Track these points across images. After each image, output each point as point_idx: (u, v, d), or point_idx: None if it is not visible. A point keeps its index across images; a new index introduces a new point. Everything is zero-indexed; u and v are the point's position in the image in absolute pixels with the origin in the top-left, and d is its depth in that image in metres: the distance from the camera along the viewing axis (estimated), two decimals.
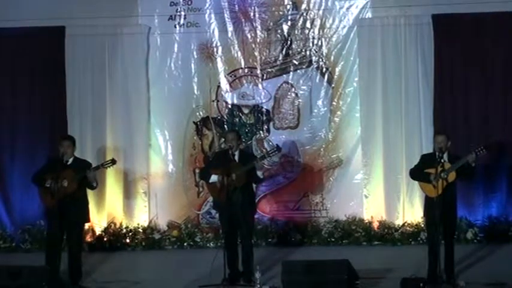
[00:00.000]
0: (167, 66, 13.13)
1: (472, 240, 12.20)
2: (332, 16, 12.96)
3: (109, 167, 10.45)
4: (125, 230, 12.82)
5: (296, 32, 13.04)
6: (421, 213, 11.01)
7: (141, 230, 12.84)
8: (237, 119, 13.12)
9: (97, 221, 12.74)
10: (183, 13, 13.11)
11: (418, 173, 9.95)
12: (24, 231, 12.73)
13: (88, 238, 12.53)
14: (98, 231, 12.77)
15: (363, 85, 12.81)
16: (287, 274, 9.36)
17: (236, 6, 13.03)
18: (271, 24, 13.08)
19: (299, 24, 13.03)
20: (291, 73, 13.06)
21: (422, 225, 11.90)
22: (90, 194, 10.78)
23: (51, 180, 9.95)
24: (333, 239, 12.57)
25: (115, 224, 12.84)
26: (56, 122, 12.90)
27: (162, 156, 13.14)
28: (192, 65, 13.12)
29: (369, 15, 12.91)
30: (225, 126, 13.08)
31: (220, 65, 13.11)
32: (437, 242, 9.64)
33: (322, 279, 9.22)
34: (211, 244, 12.61)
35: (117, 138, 12.99)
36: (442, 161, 9.58)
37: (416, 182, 10.33)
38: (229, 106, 13.15)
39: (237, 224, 10.13)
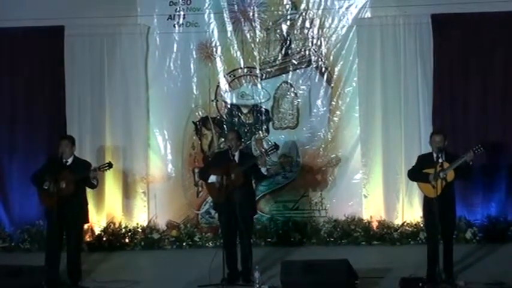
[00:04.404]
0: (166, 66, 13.12)
1: (471, 240, 12.21)
2: (331, 16, 12.96)
3: (106, 170, 10.45)
4: (124, 230, 12.82)
5: (295, 31, 13.04)
6: (421, 213, 11.01)
7: (140, 230, 12.84)
8: (236, 119, 13.12)
9: (96, 221, 12.73)
10: (182, 13, 13.11)
11: (416, 174, 9.95)
12: (23, 231, 12.73)
13: (87, 238, 12.52)
14: (97, 231, 12.76)
15: (362, 85, 12.82)
16: (286, 274, 9.37)
17: (235, 6, 13.03)
18: (271, 24, 13.08)
19: (298, 24, 13.03)
20: (290, 73, 13.06)
21: (422, 225, 11.90)
22: (90, 194, 10.79)
23: (49, 181, 9.95)
24: (332, 239, 12.57)
25: (114, 224, 12.85)
26: (55, 122, 12.89)
27: (161, 156, 13.13)
28: (191, 65, 13.11)
29: (368, 14, 12.91)
30: (224, 126, 13.08)
31: (219, 65, 13.11)
32: (437, 242, 9.65)
33: (322, 279, 9.23)
34: (210, 244, 12.61)
35: (116, 138, 12.98)
36: (440, 160, 9.58)
37: (415, 182, 10.31)
38: (229, 106, 13.15)
39: (236, 223, 10.13)
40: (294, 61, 13.04)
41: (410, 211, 12.55)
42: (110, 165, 10.36)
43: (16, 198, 12.87)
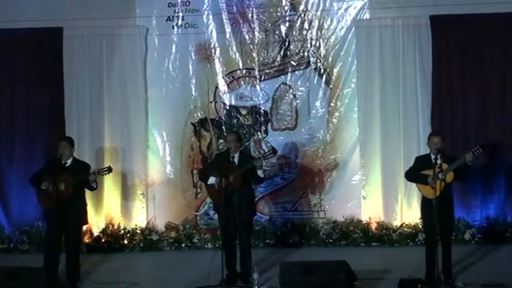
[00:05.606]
0: (165, 67, 13.12)
1: (469, 241, 12.20)
2: (330, 17, 12.96)
3: (105, 174, 10.47)
4: (122, 231, 12.82)
5: (294, 33, 13.04)
6: (419, 215, 10.99)
7: (139, 231, 12.84)
8: (235, 120, 13.12)
9: (95, 222, 12.72)
10: (181, 14, 13.11)
11: (414, 175, 9.95)
12: (22, 233, 12.73)
13: (86, 239, 12.51)
14: (96, 233, 12.76)
15: (360, 86, 12.81)
16: (285, 275, 9.38)
17: (234, 7, 13.02)
18: (269, 25, 13.08)
19: (297, 25, 13.03)
20: (289, 74, 13.05)
21: (420, 226, 11.88)
22: (88, 195, 10.79)
23: (47, 182, 9.95)
24: (331, 240, 12.57)
25: (113, 225, 12.84)
26: (54, 123, 12.89)
27: (160, 157, 13.13)
28: (190, 66, 13.11)
29: (366, 16, 12.91)
30: (223, 127, 13.08)
31: (218, 66, 13.11)
32: (435, 243, 9.65)
33: (320, 280, 9.24)
34: (209, 245, 12.61)
35: (114, 140, 12.98)
36: (439, 162, 9.58)
37: (414, 183, 10.31)
38: (227, 107, 13.14)
39: (235, 225, 10.13)
40: (292, 62, 13.04)
41: (409, 212, 12.55)
42: (109, 170, 10.37)
43: (15, 199, 12.87)
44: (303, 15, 13.01)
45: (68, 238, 10.16)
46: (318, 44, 12.99)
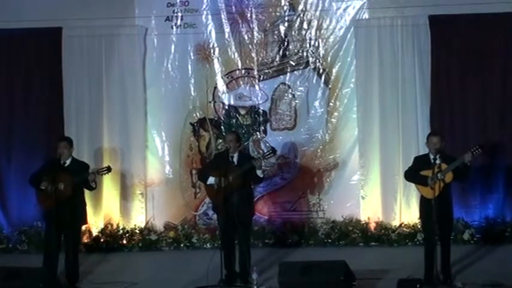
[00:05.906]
0: (164, 67, 13.12)
1: (468, 241, 12.19)
2: (329, 17, 12.96)
3: (104, 174, 10.48)
4: (121, 231, 12.82)
5: (293, 33, 13.04)
6: (418, 214, 10.99)
7: (138, 231, 12.84)
8: (234, 120, 13.11)
9: (94, 222, 12.71)
10: (180, 14, 13.10)
11: (413, 176, 9.96)
12: (21, 233, 12.72)
13: (85, 239, 12.51)
14: (94, 232, 12.76)
15: (359, 86, 12.81)
16: (284, 275, 9.38)
17: (233, 7, 13.02)
18: (268, 25, 13.08)
19: (296, 25, 13.03)
20: (288, 74, 13.06)
21: (419, 226, 11.88)
22: (87, 195, 10.78)
23: (47, 182, 9.95)
24: (329, 240, 12.57)
25: (112, 225, 12.84)
26: (53, 123, 12.89)
27: (158, 157, 13.13)
28: (189, 66, 13.11)
29: (365, 16, 12.91)
30: (222, 127, 13.08)
31: (217, 66, 13.11)
32: (434, 243, 9.65)
33: (319, 280, 9.24)
34: (208, 245, 12.61)
35: (113, 140, 12.98)
36: (438, 162, 9.58)
37: (413, 183, 10.32)
38: (226, 107, 13.14)
39: (234, 225, 10.13)
40: (291, 62, 13.04)
41: (407, 212, 12.55)
42: (108, 169, 10.38)
43: (14, 199, 12.86)
44: (302, 15, 13.01)
45: (67, 238, 10.16)
46: (317, 44, 12.99)
